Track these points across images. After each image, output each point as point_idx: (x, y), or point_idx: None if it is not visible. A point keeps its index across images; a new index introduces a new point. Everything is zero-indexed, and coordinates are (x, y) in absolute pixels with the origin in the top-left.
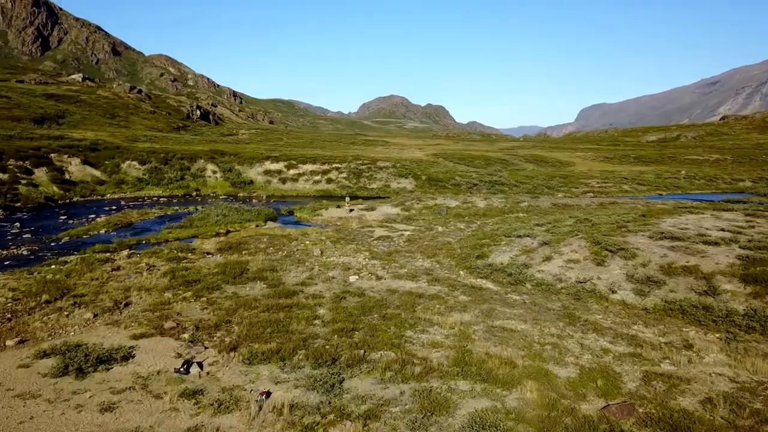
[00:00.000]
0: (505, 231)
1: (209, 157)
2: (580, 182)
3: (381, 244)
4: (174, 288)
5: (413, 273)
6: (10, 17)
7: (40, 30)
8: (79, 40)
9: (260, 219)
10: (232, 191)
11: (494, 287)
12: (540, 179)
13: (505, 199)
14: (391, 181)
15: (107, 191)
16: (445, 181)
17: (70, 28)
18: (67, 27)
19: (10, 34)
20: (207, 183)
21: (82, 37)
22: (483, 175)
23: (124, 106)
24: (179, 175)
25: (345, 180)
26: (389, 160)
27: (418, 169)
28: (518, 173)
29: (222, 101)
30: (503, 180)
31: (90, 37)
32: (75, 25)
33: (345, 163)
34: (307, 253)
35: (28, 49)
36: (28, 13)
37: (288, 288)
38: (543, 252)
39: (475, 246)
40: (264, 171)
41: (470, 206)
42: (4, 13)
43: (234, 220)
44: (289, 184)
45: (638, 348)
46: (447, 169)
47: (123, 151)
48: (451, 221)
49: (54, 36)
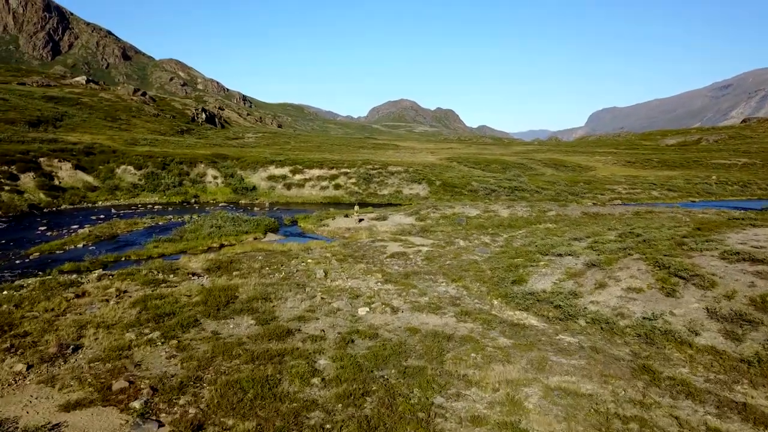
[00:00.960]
0: (540, 247)
1: (210, 161)
2: (605, 188)
3: (395, 263)
4: (141, 325)
5: (437, 303)
6: (21, 22)
7: (51, 35)
8: (89, 44)
9: (259, 230)
10: (234, 198)
11: (539, 324)
12: (562, 185)
13: (530, 208)
14: (404, 186)
15: (99, 198)
16: (461, 187)
17: (80, 33)
18: (78, 31)
19: (21, 39)
20: (207, 189)
21: (92, 41)
22: (501, 180)
23: (126, 108)
24: (177, 180)
25: (354, 186)
26: (401, 165)
27: (432, 173)
28: (538, 178)
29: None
30: (523, 186)
31: (100, 42)
32: (86, 30)
33: (354, 168)
34: (308, 274)
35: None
36: (39, 18)
37: (282, 325)
38: (593, 276)
39: (508, 267)
40: (268, 176)
41: (492, 216)
42: (16, 18)
43: (229, 232)
44: (295, 190)
45: (760, 427)
46: (462, 174)
47: (119, 155)
48: (474, 233)
49: (65, 41)
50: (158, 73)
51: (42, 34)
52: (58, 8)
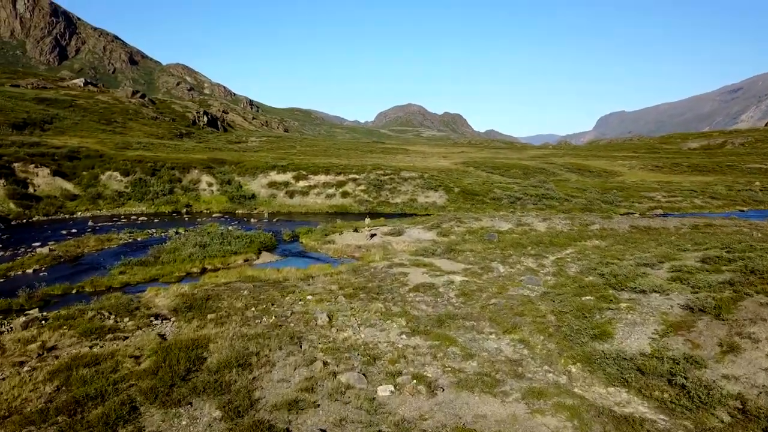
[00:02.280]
0: (609, 278)
1: (205, 167)
2: (641, 195)
3: (422, 301)
4: (44, 421)
5: (490, 373)
6: (29, 27)
7: (58, 40)
8: (96, 49)
9: (252, 250)
10: (230, 207)
11: (656, 416)
12: (593, 192)
13: (570, 221)
14: (418, 194)
15: (79, 208)
16: (483, 195)
17: (87, 38)
18: (85, 36)
19: (28, 44)
20: (200, 197)
21: (99, 46)
22: (526, 187)
23: (123, 111)
24: (167, 188)
25: (363, 193)
26: (414, 170)
27: (449, 179)
28: (565, 185)
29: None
30: (551, 193)
31: (107, 47)
32: (93, 35)
33: (363, 174)
34: (307, 319)
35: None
36: (46, 23)
37: (262, 421)
38: (712, 331)
39: (578, 310)
40: (268, 183)
41: (528, 230)
42: (23, 23)
43: (215, 253)
44: (298, 198)
45: None
46: (482, 180)
47: (106, 160)
48: (512, 254)
49: (72, 46)
50: (165, 77)
51: (49, 39)
52: (65, 13)
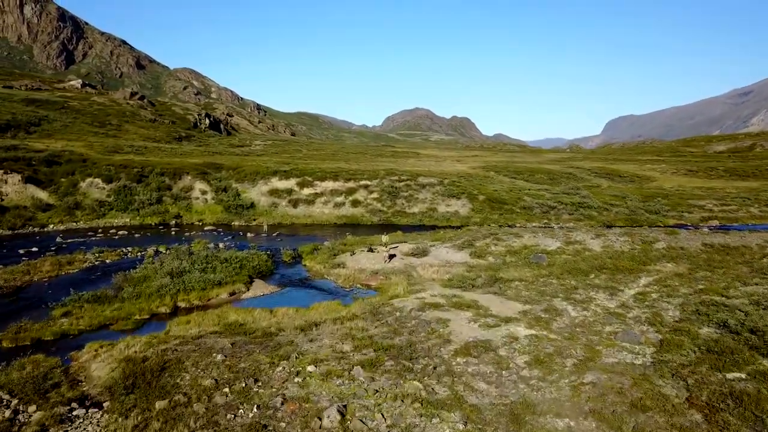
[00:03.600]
0: (741, 332)
1: (200, 172)
2: (688, 204)
3: (477, 373)
4: None
5: None
6: (36, 32)
7: (65, 44)
8: (103, 54)
9: (241, 278)
10: (225, 218)
11: None
12: (633, 200)
13: (629, 237)
14: (438, 202)
15: (52, 220)
16: (511, 203)
17: (95, 42)
18: (92, 41)
19: (35, 49)
20: (192, 207)
21: (106, 51)
22: (558, 194)
23: (119, 113)
24: (155, 196)
25: (376, 202)
26: (433, 175)
27: (472, 186)
28: (599, 192)
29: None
30: (588, 201)
31: (114, 51)
32: (100, 39)
33: (376, 180)
34: (306, 417)
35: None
36: (53, 28)
37: None
38: None
39: (733, 398)
40: (269, 190)
41: (580, 249)
42: (30, 28)
43: (193, 284)
44: (302, 207)
45: None
46: (508, 187)
47: (89, 165)
48: (574, 285)
49: (79, 50)
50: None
51: (56, 43)
52: (72, 18)
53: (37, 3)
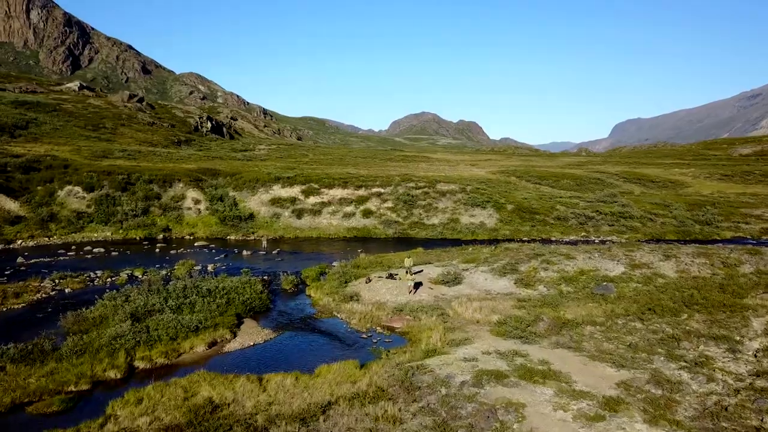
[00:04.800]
0: None
1: (193, 179)
2: (741, 213)
3: None
4: None
5: None
6: (42, 37)
7: (71, 49)
8: (109, 59)
9: (227, 319)
10: (220, 231)
11: None
12: (679, 208)
13: (706, 259)
14: (461, 212)
15: (21, 235)
16: (544, 213)
17: (101, 47)
18: (98, 46)
19: (41, 54)
20: (183, 219)
21: (112, 56)
22: (594, 203)
23: (115, 116)
24: (141, 206)
25: (390, 212)
26: (451, 181)
27: (497, 193)
28: (638, 199)
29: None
30: (629, 211)
31: (120, 56)
32: (106, 44)
33: (390, 187)
34: None
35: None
36: (59, 33)
37: None
38: None
39: None
40: (271, 199)
41: (650, 275)
42: (36, 33)
43: (161, 332)
44: (307, 218)
45: None
46: (538, 194)
47: (69, 172)
48: (659, 325)
49: (85, 55)
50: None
51: (62, 48)
52: (79, 23)
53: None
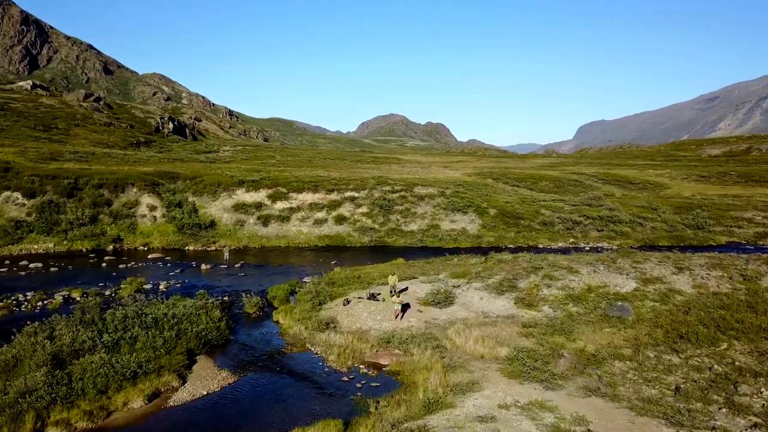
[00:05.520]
0: None
1: (149, 183)
2: (733, 217)
3: None
4: None
5: None
6: None
7: (29, 48)
8: (69, 58)
9: (175, 359)
10: (178, 241)
11: None
12: (667, 212)
13: (722, 272)
14: (441, 217)
15: None
16: (529, 218)
17: (60, 47)
18: (57, 45)
19: None
20: (137, 227)
21: (72, 55)
22: (579, 206)
23: (69, 116)
24: (89, 214)
25: (366, 218)
26: (428, 183)
27: (479, 197)
28: (621, 202)
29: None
30: (618, 215)
31: (81, 56)
32: (65, 44)
33: (364, 191)
34: None
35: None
36: (16, 32)
37: None
38: None
39: None
40: (234, 205)
41: (665, 291)
42: None
43: (88, 382)
44: (275, 226)
45: None
46: (520, 197)
47: (10, 176)
48: (699, 359)
49: (43, 55)
50: (141, 87)
51: (19, 48)
52: (36, 22)
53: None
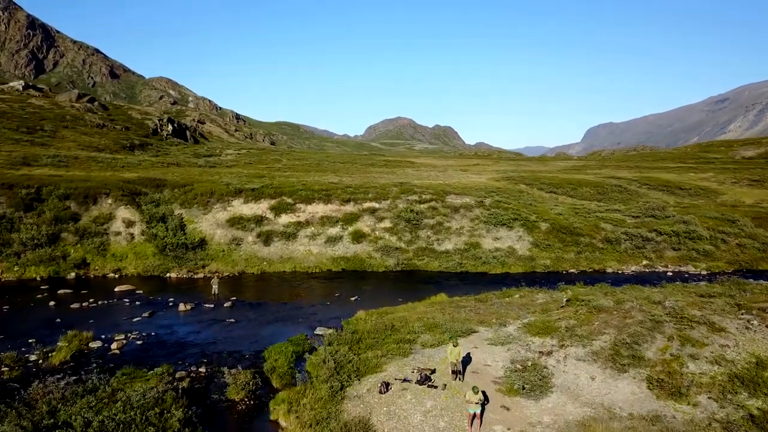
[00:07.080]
0: None
1: (128, 193)
2: None
3: None
4: None
5: None
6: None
7: (35, 53)
8: (75, 62)
9: None
10: (159, 266)
11: None
12: (747, 225)
13: None
14: (481, 233)
15: None
16: (588, 234)
17: (66, 51)
18: (64, 50)
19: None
20: (109, 248)
21: (78, 59)
22: (644, 219)
23: (58, 117)
24: (48, 232)
25: (389, 234)
26: (460, 191)
27: (523, 207)
28: (689, 212)
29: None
30: (696, 230)
31: (87, 60)
32: (72, 48)
33: (386, 201)
34: None
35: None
36: (22, 36)
37: None
38: None
39: None
40: (229, 219)
41: None
42: None
43: None
44: (279, 245)
45: None
46: (573, 209)
47: None
48: None
49: (49, 59)
50: (147, 91)
51: (25, 52)
52: (43, 26)
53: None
